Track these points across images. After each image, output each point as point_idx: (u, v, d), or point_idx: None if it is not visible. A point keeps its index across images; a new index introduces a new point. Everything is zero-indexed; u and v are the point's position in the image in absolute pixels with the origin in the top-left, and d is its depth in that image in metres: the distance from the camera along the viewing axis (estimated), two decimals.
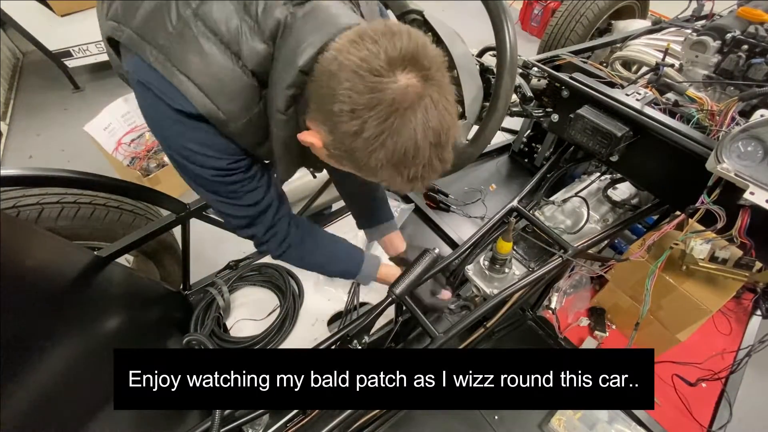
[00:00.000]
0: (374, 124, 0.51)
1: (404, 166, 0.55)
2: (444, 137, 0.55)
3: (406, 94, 0.50)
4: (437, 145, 0.54)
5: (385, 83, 0.50)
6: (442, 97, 0.54)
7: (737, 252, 0.98)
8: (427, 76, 0.52)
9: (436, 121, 0.53)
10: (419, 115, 0.51)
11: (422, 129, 0.52)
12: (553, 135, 1.73)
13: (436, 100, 0.53)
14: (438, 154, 0.55)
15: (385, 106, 0.50)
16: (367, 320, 0.95)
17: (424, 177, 0.57)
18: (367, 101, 0.50)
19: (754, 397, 1.39)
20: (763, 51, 1.08)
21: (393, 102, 0.50)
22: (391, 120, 0.51)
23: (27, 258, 0.73)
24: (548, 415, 1.12)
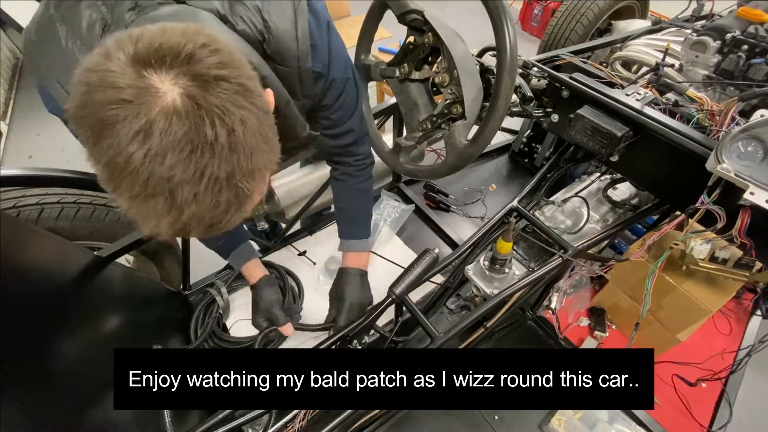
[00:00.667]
0: (76, 99, 0.41)
1: (113, 182, 0.42)
2: (170, 185, 0.40)
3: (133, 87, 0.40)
4: (160, 187, 0.41)
5: (106, 66, 0.40)
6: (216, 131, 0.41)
7: (737, 252, 0.98)
8: (199, 86, 0.41)
9: (160, 149, 0.39)
10: (138, 124, 0.39)
11: (132, 147, 0.39)
12: (553, 135, 1.73)
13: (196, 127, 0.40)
14: (158, 194, 0.41)
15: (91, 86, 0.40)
16: (367, 320, 0.95)
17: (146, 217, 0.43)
18: (78, 76, 0.42)
19: (754, 397, 1.39)
20: (763, 51, 1.08)
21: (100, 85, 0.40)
22: (93, 104, 0.40)
23: (27, 258, 0.73)
24: (548, 415, 1.12)
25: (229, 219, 0.46)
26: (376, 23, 0.96)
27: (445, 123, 0.90)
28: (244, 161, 0.43)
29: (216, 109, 0.40)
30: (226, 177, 0.42)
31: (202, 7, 0.58)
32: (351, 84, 0.84)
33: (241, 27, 0.61)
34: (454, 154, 0.85)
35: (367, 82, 1.04)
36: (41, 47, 0.57)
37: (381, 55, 2.43)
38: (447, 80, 0.86)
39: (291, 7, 0.65)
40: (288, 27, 0.65)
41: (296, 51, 0.67)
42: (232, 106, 0.41)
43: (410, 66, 0.94)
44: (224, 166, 0.41)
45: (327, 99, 0.81)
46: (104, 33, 0.55)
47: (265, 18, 0.63)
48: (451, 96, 0.87)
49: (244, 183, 0.44)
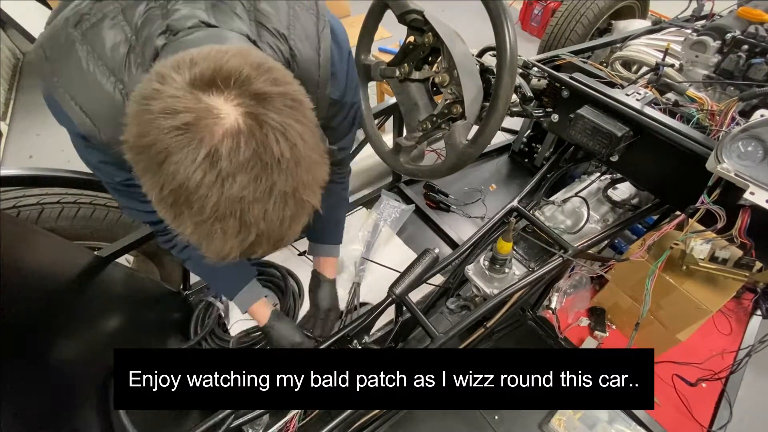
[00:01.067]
0: (134, 127, 0.42)
1: (178, 209, 0.42)
2: (239, 211, 0.42)
3: (198, 113, 0.40)
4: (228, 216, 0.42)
5: (169, 94, 0.40)
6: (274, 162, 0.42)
7: (737, 252, 0.98)
8: (253, 111, 0.41)
9: (232, 185, 0.41)
10: (204, 150, 0.39)
11: (198, 172, 0.40)
12: (553, 135, 1.73)
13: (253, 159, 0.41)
14: (229, 221, 0.42)
15: (158, 115, 0.40)
16: (367, 320, 0.95)
17: (210, 239, 0.43)
18: (142, 105, 0.42)
19: (754, 397, 1.39)
20: (763, 51, 1.08)
21: (166, 112, 0.40)
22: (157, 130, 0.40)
23: (27, 258, 0.73)
24: (548, 415, 1.12)
25: (292, 233, 0.47)
26: (376, 23, 0.96)
27: (445, 123, 0.90)
28: (305, 174, 0.44)
29: (278, 125, 0.41)
30: (293, 191, 0.43)
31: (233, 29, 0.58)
32: (356, 108, 0.87)
33: (269, 52, 0.61)
34: (454, 154, 0.85)
35: (367, 82, 1.04)
36: (57, 66, 0.56)
37: (381, 55, 2.43)
38: (447, 80, 0.85)
39: (315, 35, 0.66)
40: (312, 55, 0.66)
41: (317, 78, 0.68)
42: (292, 120, 0.42)
43: (410, 66, 0.93)
44: (290, 180, 0.42)
45: (334, 121, 0.83)
46: (129, 54, 0.55)
47: (291, 45, 0.63)
48: (451, 96, 0.87)
49: (307, 195, 0.45)
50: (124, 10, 0.55)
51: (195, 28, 0.55)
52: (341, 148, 0.94)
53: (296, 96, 0.44)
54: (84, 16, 0.55)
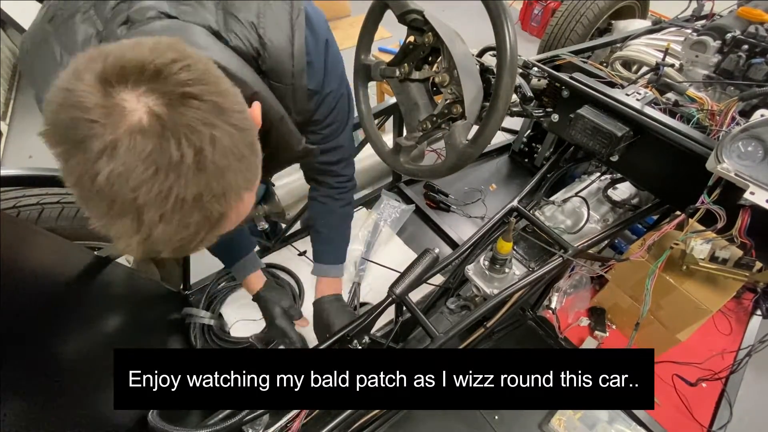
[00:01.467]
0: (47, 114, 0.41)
1: (78, 195, 0.41)
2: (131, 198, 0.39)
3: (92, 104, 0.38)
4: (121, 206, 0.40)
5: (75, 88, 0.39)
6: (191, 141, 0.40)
7: (737, 252, 0.98)
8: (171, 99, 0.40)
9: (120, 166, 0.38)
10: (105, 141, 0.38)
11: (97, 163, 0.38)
12: (553, 135, 1.73)
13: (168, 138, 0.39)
14: (120, 215, 0.41)
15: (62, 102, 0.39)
16: (367, 320, 0.95)
17: (106, 227, 0.43)
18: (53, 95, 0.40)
19: (754, 397, 1.39)
20: (763, 51, 1.09)
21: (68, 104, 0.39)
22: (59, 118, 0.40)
23: (27, 258, 0.73)
24: (548, 415, 1.12)
25: (200, 240, 0.45)
26: (376, 23, 0.96)
27: (445, 123, 0.90)
28: (214, 182, 0.41)
29: (182, 128, 0.38)
30: (194, 198, 0.40)
31: (195, 22, 0.57)
32: (344, 100, 0.84)
33: (235, 43, 0.60)
34: (454, 154, 0.85)
35: (367, 82, 1.04)
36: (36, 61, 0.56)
37: (381, 55, 2.43)
38: (447, 80, 0.85)
39: (288, 23, 0.64)
40: (284, 44, 0.64)
41: (291, 68, 0.66)
42: (201, 125, 0.39)
43: (410, 66, 0.93)
44: (191, 187, 0.40)
45: (318, 114, 0.80)
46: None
47: (260, 34, 0.61)
48: (451, 96, 0.87)
49: (214, 204, 0.42)
50: (96, 6, 0.56)
51: (154, 18, 0.54)
52: (336, 147, 0.91)
53: (214, 99, 0.41)
54: (58, 11, 0.56)
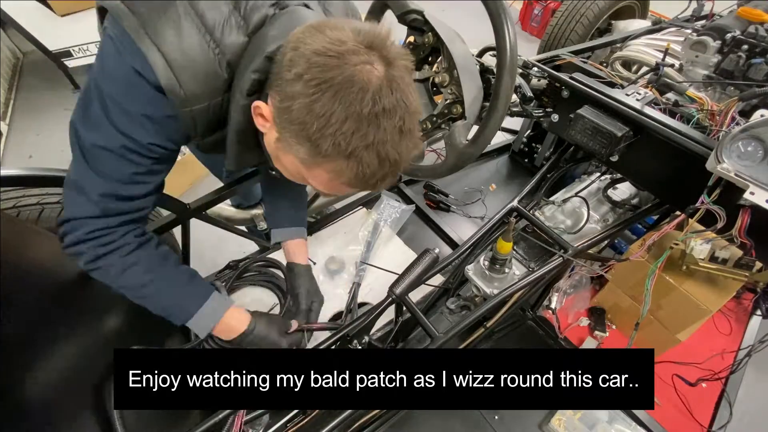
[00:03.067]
0: (328, 96, 0.50)
1: (356, 150, 0.52)
2: (408, 123, 0.54)
3: (368, 73, 0.50)
4: (401, 130, 0.53)
5: (345, 60, 0.50)
6: (407, 87, 0.54)
7: (737, 252, 0.98)
8: (391, 63, 0.52)
9: (400, 105, 0.52)
10: (380, 95, 0.51)
11: (382, 109, 0.51)
12: (553, 135, 1.73)
13: (398, 86, 0.52)
14: (401, 141, 0.54)
15: (344, 81, 0.49)
16: (367, 320, 0.95)
17: (382, 173, 0.56)
18: (324, 75, 0.50)
19: (754, 397, 1.39)
20: (763, 51, 1.09)
21: (353, 77, 0.49)
22: (349, 95, 0.49)
23: (27, 258, 0.73)
24: (548, 415, 1.12)
25: (407, 162, 0.58)
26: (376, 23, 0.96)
27: (445, 123, 0.90)
28: (415, 117, 0.56)
29: (403, 83, 0.53)
30: (410, 129, 0.55)
31: (327, 9, 0.71)
32: None
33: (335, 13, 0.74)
34: (454, 154, 0.85)
35: None
36: (149, 19, 0.56)
37: None
38: (447, 80, 0.86)
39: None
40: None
41: None
42: (408, 78, 0.54)
43: None
44: (413, 122, 0.55)
45: None
46: (231, 15, 0.60)
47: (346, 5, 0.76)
48: (451, 96, 0.87)
49: (415, 130, 0.57)
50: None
51: (300, 4, 0.65)
52: None
53: (405, 59, 0.54)
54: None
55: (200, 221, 1.13)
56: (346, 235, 1.46)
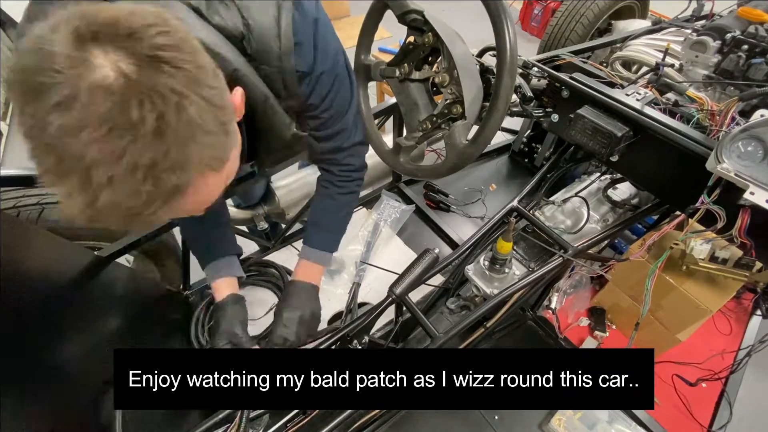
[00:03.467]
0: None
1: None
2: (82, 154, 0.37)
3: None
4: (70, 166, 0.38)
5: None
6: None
7: (737, 252, 0.98)
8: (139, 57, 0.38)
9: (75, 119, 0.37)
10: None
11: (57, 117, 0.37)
12: (553, 135, 1.73)
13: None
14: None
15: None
16: (367, 320, 0.95)
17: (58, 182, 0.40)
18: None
19: (754, 397, 1.39)
20: (763, 51, 1.08)
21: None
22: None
23: (27, 258, 0.73)
24: (548, 415, 1.12)
25: (151, 213, 0.42)
26: (376, 23, 0.96)
27: (445, 123, 0.90)
28: (173, 151, 0.39)
29: (148, 91, 0.37)
30: (148, 165, 0.39)
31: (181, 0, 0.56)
32: (341, 82, 0.80)
33: (217, 21, 0.59)
34: (454, 154, 0.85)
35: (367, 82, 1.04)
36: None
37: (381, 55, 2.43)
38: (447, 80, 0.85)
39: (274, 3, 0.63)
40: (270, 24, 0.63)
41: (278, 50, 0.65)
42: (169, 91, 0.38)
43: (410, 66, 0.93)
44: (147, 152, 0.38)
45: (313, 98, 0.76)
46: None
47: (244, 15, 0.61)
48: (451, 96, 0.87)
49: (170, 175, 0.40)
50: None
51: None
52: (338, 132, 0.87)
53: (189, 68, 0.40)
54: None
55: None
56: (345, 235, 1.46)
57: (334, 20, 4.21)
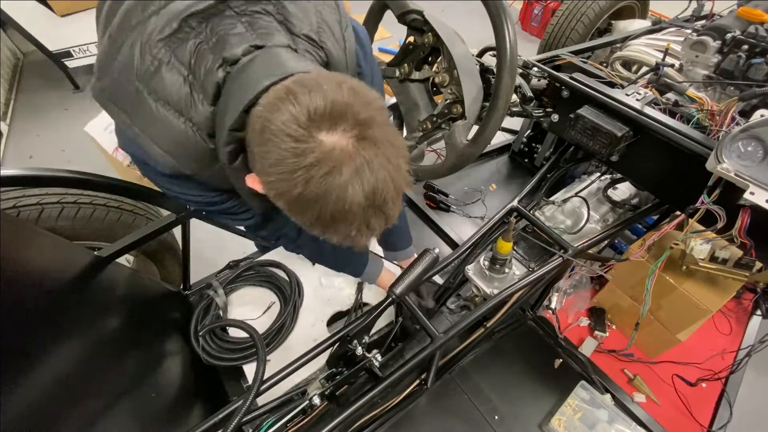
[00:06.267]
0: (299, 187, 0.49)
1: (335, 227, 0.53)
2: (381, 198, 0.52)
3: (331, 157, 0.48)
4: (373, 206, 0.52)
5: (307, 147, 0.48)
6: (380, 153, 0.51)
7: (737, 252, 0.98)
8: (360, 134, 0.50)
9: (370, 181, 0.50)
10: (347, 177, 0.49)
11: (352, 191, 0.50)
12: (553, 135, 1.73)
13: (370, 158, 0.50)
14: (375, 213, 0.53)
15: (306, 170, 0.48)
16: (367, 320, 0.95)
17: (361, 235, 0.55)
18: (291, 166, 0.48)
19: (754, 397, 1.39)
20: (763, 51, 1.08)
21: (315, 165, 0.48)
22: (315, 183, 0.49)
23: (27, 258, 0.73)
24: (548, 415, 1.12)
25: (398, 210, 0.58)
26: (376, 23, 0.96)
27: (445, 123, 0.90)
28: (404, 167, 0.55)
29: (382, 138, 0.51)
30: (401, 184, 0.55)
31: (275, 45, 0.61)
32: (385, 111, 0.88)
33: (309, 58, 0.64)
34: (454, 154, 0.85)
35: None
36: (133, 116, 0.59)
37: (381, 55, 2.44)
38: (447, 80, 0.86)
39: (341, 35, 0.67)
40: (341, 55, 0.68)
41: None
42: (387, 129, 0.53)
43: (410, 66, 0.94)
44: (401, 175, 0.54)
45: None
46: (192, 93, 0.58)
47: (324, 47, 0.65)
48: (451, 96, 0.87)
49: (402, 179, 0.55)
50: (175, 51, 0.57)
51: (247, 53, 0.59)
52: None
53: (381, 105, 0.53)
54: (143, 67, 0.57)
55: (200, 221, 1.13)
56: None
57: None
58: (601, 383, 1.16)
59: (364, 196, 0.50)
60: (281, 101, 0.49)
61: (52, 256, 0.81)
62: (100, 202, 1.06)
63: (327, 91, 0.49)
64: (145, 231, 1.03)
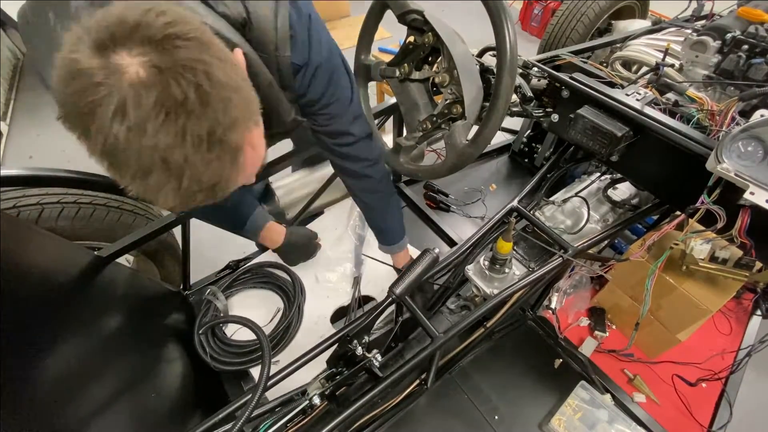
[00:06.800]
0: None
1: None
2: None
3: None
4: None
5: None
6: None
7: (737, 252, 0.98)
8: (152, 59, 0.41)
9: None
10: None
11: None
12: (553, 135, 1.73)
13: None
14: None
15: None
16: (367, 320, 0.95)
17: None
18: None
19: (754, 397, 1.39)
20: (763, 51, 1.08)
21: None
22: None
23: (27, 258, 0.73)
24: (548, 415, 1.12)
25: (228, 176, 0.47)
26: (376, 23, 0.96)
27: (445, 123, 0.90)
28: (220, 114, 0.43)
29: (177, 68, 0.40)
30: (208, 133, 0.43)
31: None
32: (339, 74, 0.81)
33: (222, 9, 0.62)
34: (454, 154, 0.85)
35: (367, 82, 1.04)
36: (34, 30, 0.57)
37: (381, 55, 2.44)
38: (447, 80, 0.86)
39: (273, 2, 0.66)
40: (268, 14, 0.66)
41: (275, 39, 0.68)
42: (192, 61, 0.41)
43: (410, 66, 0.93)
44: (202, 123, 0.42)
45: (311, 93, 0.79)
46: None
47: (246, 5, 0.64)
48: (451, 96, 0.87)
49: (228, 135, 0.44)
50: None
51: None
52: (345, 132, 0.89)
53: (195, 35, 0.43)
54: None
55: (200, 221, 1.13)
56: (336, 231, 1.46)
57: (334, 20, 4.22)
58: (601, 383, 1.16)
59: (125, 137, 0.41)
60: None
61: (52, 256, 0.81)
62: (100, 202, 1.06)
63: (110, 13, 0.42)
64: (145, 231, 1.03)
